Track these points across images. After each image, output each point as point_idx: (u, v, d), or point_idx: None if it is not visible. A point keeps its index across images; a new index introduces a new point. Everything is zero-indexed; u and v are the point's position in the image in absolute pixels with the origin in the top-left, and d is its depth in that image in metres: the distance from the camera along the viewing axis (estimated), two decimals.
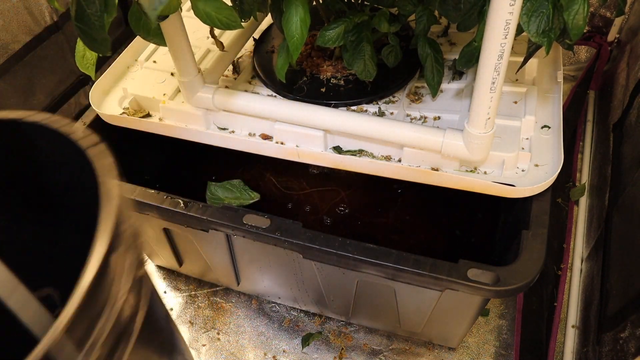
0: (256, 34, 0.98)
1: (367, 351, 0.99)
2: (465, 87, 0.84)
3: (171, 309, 1.08)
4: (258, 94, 0.87)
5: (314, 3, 0.81)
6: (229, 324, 1.05)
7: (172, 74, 0.92)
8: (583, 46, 1.40)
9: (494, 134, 0.68)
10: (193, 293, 1.10)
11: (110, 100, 0.91)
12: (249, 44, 0.97)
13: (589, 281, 1.00)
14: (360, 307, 0.93)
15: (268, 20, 1.01)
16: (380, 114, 0.82)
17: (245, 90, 0.86)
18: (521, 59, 0.71)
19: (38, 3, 1.16)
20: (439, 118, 0.80)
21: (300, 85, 0.86)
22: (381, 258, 0.69)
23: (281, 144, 0.82)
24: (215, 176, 1.12)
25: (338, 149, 0.80)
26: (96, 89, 0.90)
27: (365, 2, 0.81)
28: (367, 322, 1.01)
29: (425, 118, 0.81)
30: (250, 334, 1.03)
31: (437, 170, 0.75)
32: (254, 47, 0.96)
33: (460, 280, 0.66)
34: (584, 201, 1.16)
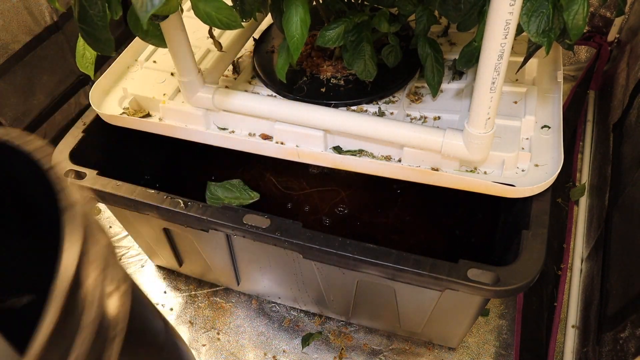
0: (256, 34, 0.98)
1: (367, 351, 0.99)
2: (465, 87, 0.84)
3: (171, 309, 1.08)
4: (258, 94, 0.87)
5: (314, 3, 0.81)
6: (229, 324, 1.05)
7: (172, 74, 0.92)
8: (583, 46, 1.40)
9: (494, 134, 0.68)
10: (193, 293, 1.10)
11: (110, 100, 0.91)
12: (249, 44, 0.97)
13: (589, 281, 1.00)
14: (360, 307, 0.93)
15: (268, 20, 1.01)
16: (380, 114, 0.82)
17: (245, 90, 0.86)
18: (521, 59, 0.71)
19: (38, 3, 1.16)
20: (439, 118, 0.80)
21: (300, 85, 0.86)
22: (381, 258, 0.69)
23: (281, 144, 0.82)
24: (215, 176, 1.12)
25: (338, 149, 0.80)
26: (96, 89, 0.90)
27: (365, 2, 0.81)
28: (367, 322, 1.01)
29: (425, 118, 0.81)
30: (250, 334, 1.03)
31: (437, 170, 0.75)
32: (254, 47, 0.96)
33: (460, 280, 0.66)
34: (584, 201, 1.16)
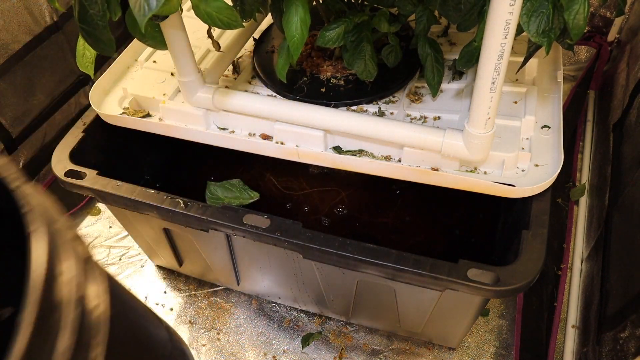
0: (256, 34, 0.98)
1: (367, 351, 0.99)
2: (465, 87, 0.84)
3: (171, 309, 1.08)
4: (258, 94, 0.87)
5: (314, 3, 0.81)
6: (229, 324, 1.05)
7: (172, 74, 0.92)
8: (583, 46, 1.40)
9: (494, 134, 0.68)
10: (193, 293, 1.10)
11: (110, 100, 0.91)
12: (249, 44, 0.97)
13: (589, 281, 1.00)
14: (360, 307, 0.93)
15: (268, 20, 1.01)
16: (380, 114, 0.82)
17: (245, 90, 0.86)
18: (521, 59, 0.71)
19: (38, 3, 1.16)
20: (439, 118, 0.80)
21: (300, 85, 0.86)
22: (381, 258, 0.69)
23: (281, 144, 0.82)
24: (215, 176, 1.12)
25: (338, 149, 0.80)
26: (96, 89, 0.90)
27: (365, 2, 0.81)
28: (367, 322, 1.01)
29: (425, 118, 0.81)
30: (250, 334, 1.03)
31: (437, 170, 0.75)
32: (254, 47, 0.96)
33: (460, 280, 0.66)
34: (584, 201, 1.16)
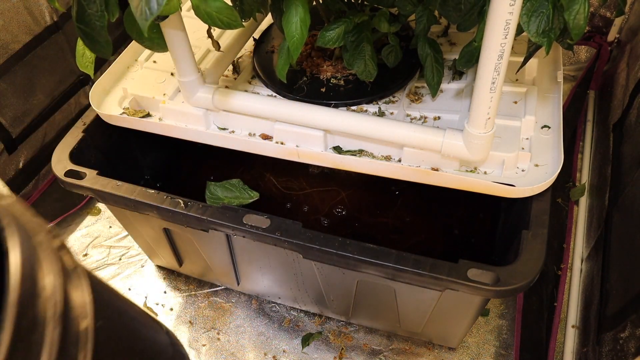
0: (256, 34, 0.98)
1: (367, 351, 0.99)
2: (465, 87, 0.84)
3: (171, 309, 1.08)
4: (258, 94, 0.87)
5: (314, 3, 0.81)
6: (229, 324, 1.05)
7: (172, 74, 0.92)
8: (583, 46, 1.40)
9: (494, 134, 0.68)
10: (193, 293, 1.10)
11: (110, 100, 0.91)
12: (249, 44, 0.97)
13: (589, 281, 1.00)
14: (360, 307, 0.93)
15: (268, 20, 1.01)
16: (380, 114, 0.82)
17: (245, 90, 0.86)
18: (521, 59, 0.71)
19: (38, 3, 1.16)
20: (439, 118, 0.80)
21: (300, 85, 0.86)
22: (381, 258, 0.69)
23: (281, 144, 0.82)
24: (215, 176, 1.12)
25: (338, 149, 0.80)
26: (96, 89, 0.90)
27: (365, 2, 0.81)
28: (367, 322, 1.01)
29: (425, 118, 0.81)
30: (250, 334, 1.03)
31: (437, 170, 0.75)
32: (254, 47, 0.96)
33: (460, 280, 0.66)
34: (584, 201, 1.16)
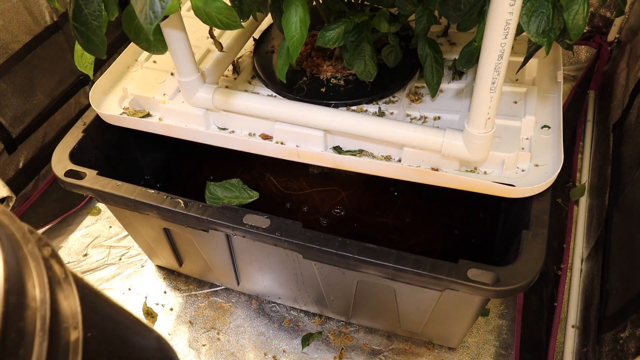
0: (256, 34, 0.98)
1: (367, 351, 0.99)
2: (465, 87, 0.84)
3: (171, 309, 1.08)
4: (258, 94, 0.87)
5: (314, 3, 0.81)
6: (229, 324, 1.05)
7: (172, 74, 0.92)
8: (583, 46, 1.40)
9: (494, 134, 0.68)
10: (193, 293, 1.10)
11: (110, 100, 0.91)
12: (249, 44, 0.97)
13: (589, 281, 1.00)
14: (360, 307, 0.93)
15: (268, 20, 1.01)
16: (380, 114, 0.82)
17: (245, 90, 0.86)
18: (521, 59, 0.71)
19: (38, 3, 1.16)
20: (439, 118, 0.80)
21: (300, 85, 0.86)
22: (381, 258, 0.69)
23: (281, 144, 0.82)
24: (215, 176, 1.12)
25: (338, 149, 0.80)
26: (96, 89, 0.90)
27: (365, 2, 0.81)
28: (367, 322, 1.01)
29: (425, 118, 0.81)
30: (250, 334, 1.03)
31: (437, 170, 0.75)
32: (254, 47, 0.96)
33: (460, 280, 0.66)
34: (584, 201, 1.16)
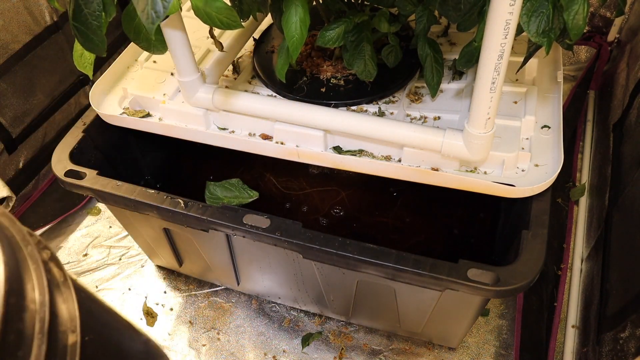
0: (256, 34, 0.98)
1: (367, 351, 0.99)
2: (465, 87, 0.84)
3: (171, 309, 1.08)
4: (258, 94, 0.87)
5: (314, 3, 0.81)
6: (229, 324, 1.05)
7: (172, 74, 0.92)
8: (583, 46, 1.40)
9: (494, 134, 0.68)
10: (193, 293, 1.10)
11: (110, 100, 0.91)
12: (249, 44, 0.97)
13: (589, 281, 1.00)
14: (360, 307, 0.93)
15: (268, 20, 1.01)
16: (380, 114, 0.82)
17: (245, 90, 0.86)
18: (521, 59, 0.71)
19: (38, 3, 1.16)
20: (439, 118, 0.80)
21: (300, 85, 0.86)
22: (381, 258, 0.69)
23: (281, 144, 0.82)
24: (215, 176, 1.12)
25: (338, 149, 0.80)
26: (96, 89, 0.90)
27: (365, 2, 0.81)
28: (367, 322, 1.01)
29: (425, 118, 0.81)
30: (250, 334, 1.03)
31: (437, 170, 0.75)
32: (254, 47, 0.96)
33: (460, 280, 0.66)
34: (584, 201, 1.16)
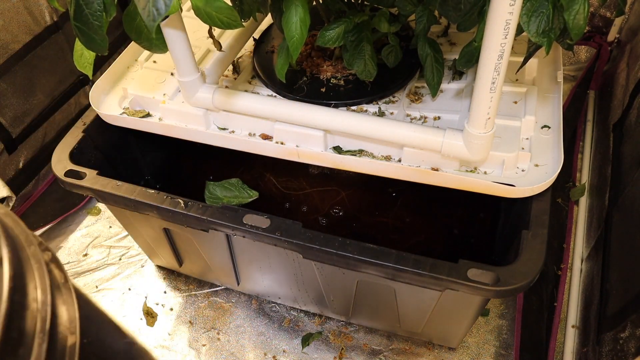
0: (256, 34, 0.98)
1: (367, 351, 0.99)
2: (465, 87, 0.84)
3: (171, 309, 1.08)
4: (258, 94, 0.87)
5: (314, 3, 0.81)
6: (229, 324, 1.05)
7: (172, 74, 0.92)
8: (583, 46, 1.40)
9: (494, 134, 0.68)
10: (193, 293, 1.10)
11: (110, 100, 0.91)
12: (249, 44, 0.97)
13: (589, 281, 1.00)
14: (360, 307, 0.93)
15: (268, 20, 1.01)
16: (380, 114, 0.82)
17: (245, 90, 0.86)
18: (521, 59, 0.71)
19: (38, 3, 1.16)
20: (439, 118, 0.80)
21: (300, 85, 0.86)
22: (381, 258, 0.69)
23: (281, 144, 0.82)
24: (215, 176, 1.12)
25: (338, 149, 0.80)
26: (96, 89, 0.90)
27: (365, 2, 0.81)
28: (367, 322, 1.01)
29: (425, 118, 0.81)
30: (250, 334, 1.03)
31: (437, 170, 0.75)
32: (254, 47, 0.96)
33: (460, 280, 0.66)
34: (584, 201, 1.16)
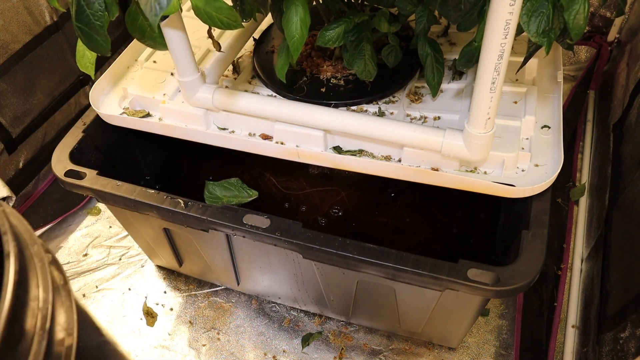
0: (256, 34, 0.98)
1: (367, 351, 0.99)
2: (465, 87, 0.84)
3: (171, 309, 1.08)
4: (258, 94, 0.87)
5: (314, 3, 0.81)
6: (229, 324, 1.05)
7: (172, 74, 0.92)
8: (583, 46, 1.40)
9: (494, 134, 0.68)
10: (193, 293, 1.10)
11: (110, 100, 0.91)
12: (249, 44, 0.97)
13: (589, 281, 1.00)
14: (360, 307, 0.93)
15: (268, 20, 1.01)
16: (380, 114, 0.82)
17: (245, 90, 0.86)
18: (521, 59, 0.71)
19: (38, 3, 1.16)
20: (439, 118, 0.80)
21: (300, 85, 0.86)
22: (381, 258, 0.69)
23: (281, 144, 0.82)
24: (215, 176, 1.12)
25: (338, 149, 0.80)
26: (96, 89, 0.90)
27: (365, 2, 0.81)
28: (367, 322, 1.01)
29: (425, 118, 0.81)
30: (250, 334, 1.03)
31: (437, 170, 0.75)
32: (254, 47, 0.96)
33: (460, 280, 0.66)
34: (584, 201, 1.16)
